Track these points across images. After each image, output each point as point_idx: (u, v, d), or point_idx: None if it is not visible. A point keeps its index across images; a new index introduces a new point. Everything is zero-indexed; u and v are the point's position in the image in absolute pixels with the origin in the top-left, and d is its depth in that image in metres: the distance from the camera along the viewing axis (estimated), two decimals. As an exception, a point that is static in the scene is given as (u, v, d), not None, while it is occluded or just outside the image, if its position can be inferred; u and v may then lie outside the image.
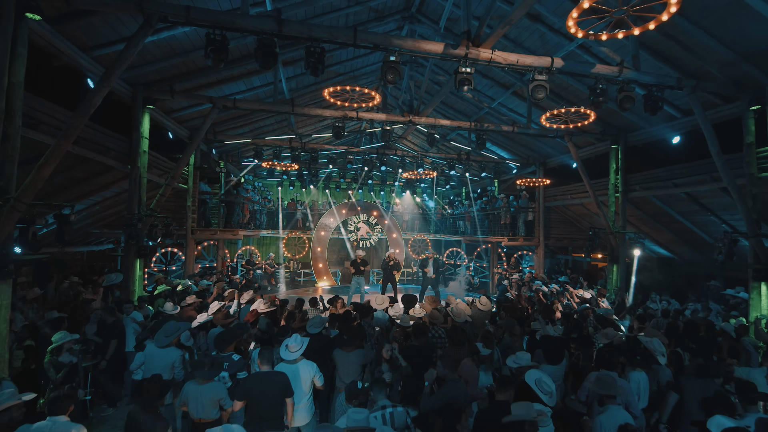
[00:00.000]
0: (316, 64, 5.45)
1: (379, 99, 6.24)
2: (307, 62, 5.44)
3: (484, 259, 19.85)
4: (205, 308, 7.80)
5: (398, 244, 19.46)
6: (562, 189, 13.54)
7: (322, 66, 5.51)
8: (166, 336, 5.15)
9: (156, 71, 8.45)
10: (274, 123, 14.19)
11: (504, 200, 14.60)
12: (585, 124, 7.11)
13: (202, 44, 8.17)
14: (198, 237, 12.21)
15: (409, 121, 9.32)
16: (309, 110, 9.25)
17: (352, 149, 13.22)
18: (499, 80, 10.91)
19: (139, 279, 8.71)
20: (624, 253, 10.68)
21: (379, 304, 7.50)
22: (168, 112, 10.32)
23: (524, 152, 14.53)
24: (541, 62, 6.26)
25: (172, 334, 5.19)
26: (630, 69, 6.75)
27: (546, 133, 10.53)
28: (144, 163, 8.77)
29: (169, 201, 12.05)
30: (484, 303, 7.83)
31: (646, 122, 9.93)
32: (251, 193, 14.89)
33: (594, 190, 10.79)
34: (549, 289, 10.96)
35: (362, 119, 9.25)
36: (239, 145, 14.38)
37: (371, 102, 6.52)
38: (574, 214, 14.26)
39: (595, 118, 7.61)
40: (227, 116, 12.06)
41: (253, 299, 8.03)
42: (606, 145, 11.31)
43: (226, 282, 12.05)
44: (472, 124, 9.94)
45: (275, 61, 5.38)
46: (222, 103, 8.93)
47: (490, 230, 15.85)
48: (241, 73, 9.73)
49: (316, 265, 18.56)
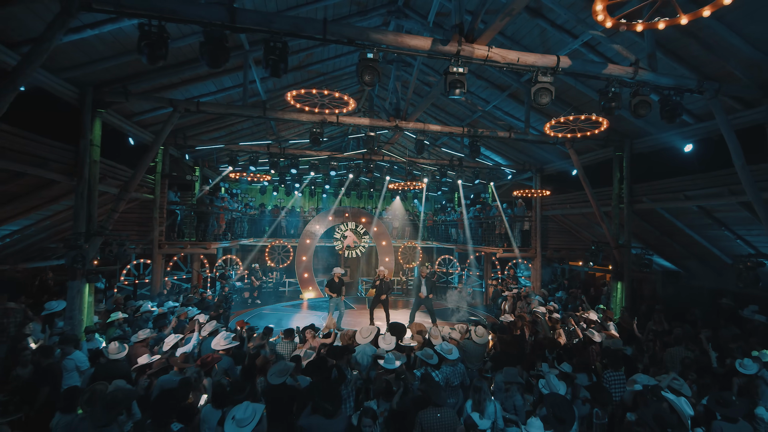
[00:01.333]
0: (277, 63, 4.48)
1: (354, 104, 5.32)
2: (266, 60, 4.47)
3: (478, 267, 19.01)
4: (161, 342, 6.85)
5: (388, 252, 18.54)
6: (561, 198, 12.70)
7: (285, 65, 4.54)
8: (108, 411, 3.77)
9: (107, 71, 7.41)
10: (253, 126, 13.16)
11: (498, 208, 13.73)
12: (596, 133, 6.23)
13: (158, 39, 7.25)
14: (166, 251, 11.16)
15: (395, 126, 8.39)
16: (283, 114, 8.27)
17: (335, 155, 12.25)
18: (494, 81, 10.02)
19: (89, 306, 7.67)
20: (629, 269, 9.83)
21: (365, 338, 6.56)
22: (128, 116, 9.28)
23: (520, 158, 13.67)
24: (546, 61, 5.35)
25: (117, 407, 3.84)
26: (646, 69, 5.87)
27: (545, 140, 9.66)
28: (95, 173, 7.73)
29: (133, 212, 11.04)
30: (480, 334, 6.92)
31: (655, 128, 9.09)
32: (228, 202, 13.82)
33: (596, 201, 9.92)
34: (548, 306, 10.09)
35: (343, 124, 8.29)
36: (215, 150, 13.35)
37: (345, 108, 5.57)
38: (573, 224, 13.42)
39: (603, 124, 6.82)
40: (198, 119, 11.03)
41: (216, 330, 7.05)
42: (609, 152, 10.46)
43: (196, 301, 11.06)
44: (465, 130, 9.03)
45: (226, 58, 4.40)
46: (184, 106, 7.92)
47: (484, 239, 14.97)
48: (209, 73, 8.72)
49: (301, 275, 17.58)
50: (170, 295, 11.08)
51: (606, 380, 5.84)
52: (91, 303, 7.76)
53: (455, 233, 18.29)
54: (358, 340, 6.54)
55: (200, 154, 13.97)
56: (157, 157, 11.02)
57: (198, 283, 14.24)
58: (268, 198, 20.43)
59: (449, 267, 20.31)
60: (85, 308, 7.58)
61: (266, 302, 15.76)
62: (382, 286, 11.56)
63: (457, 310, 14.48)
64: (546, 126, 6.06)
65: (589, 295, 13.02)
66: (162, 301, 9.98)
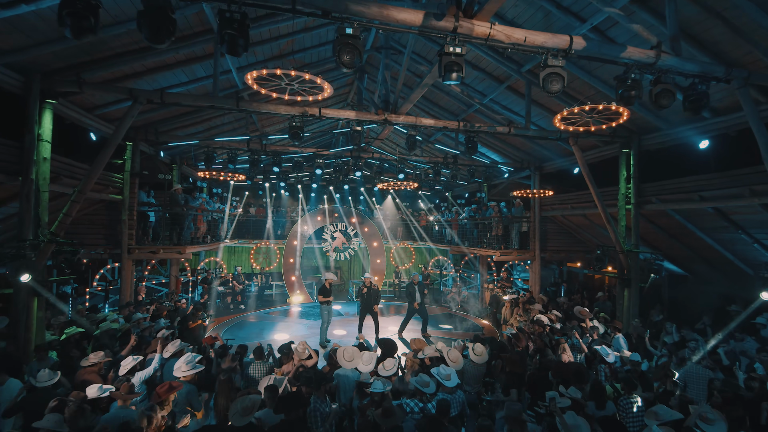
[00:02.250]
0: (235, 39, 3.65)
1: (330, 91, 4.51)
2: (221, 35, 3.65)
3: (473, 269, 18.30)
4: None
5: (380, 253, 17.76)
6: (562, 198, 11.98)
7: (245, 41, 3.71)
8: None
9: (55, 56, 6.52)
10: (234, 122, 12.27)
11: (495, 208, 12.99)
12: (612, 126, 5.47)
13: (113, 20, 6.36)
14: (136, 256, 10.26)
15: (384, 120, 7.58)
16: (258, 106, 7.42)
17: (321, 152, 11.41)
18: (491, 72, 9.25)
19: (38, 322, 6.79)
20: (638, 275, 9.14)
21: (348, 361, 5.77)
22: (89, 109, 8.38)
23: (518, 155, 12.93)
24: (557, 42, 4.58)
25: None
26: (669, 54, 5.12)
27: (548, 135, 8.91)
28: (44, 172, 6.84)
29: (100, 215, 10.12)
30: (479, 353, 6.16)
31: (666, 123, 8.38)
32: (207, 202, 12.92)
33: (601, 201, 9.20)
34: (549, 314, 9.37)
35: (327, 118, 7.48)
36: (193, 147, 12.44)
37: (320, 94, 4.74)
38: (574, 225, 12.73)
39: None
40: (170, 113, 10.14)
41: (180, 351, 6.20)
42: (615, 149, 9.75)
43: (170, 308, 10.19)
44: (460, 124, 8.25)
45: (170, 32, 3.56)
46: (146, 96, 7.04)
47: (480, 241, 14.23)
48: (176, 60, 7.86)
49: (288, 278, 16.73)
50: (141, 304, 10.18)
51: (622, 408, 5.12)
52: (41, 318, 6.88)
53: (449, 234, 17.55)
54: (340, 360, 5.75)
55: (177, 151, 13.04)
56: (125, 155, 10.11)
57: (176, 288, 13.34)
58: (253, 197, 19.52)
59: (443, 269, 19.59)
60: (33, 325, 6.70)
61: (251, 308, 14.89)
62: (370, 294, 10.64)
63: (452, 317, 13.75)
64: (556, 118, 5.30)
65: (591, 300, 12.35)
66: (131, 312, 9.08)
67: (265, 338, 10.71)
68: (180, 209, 10.83)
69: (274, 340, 10.53)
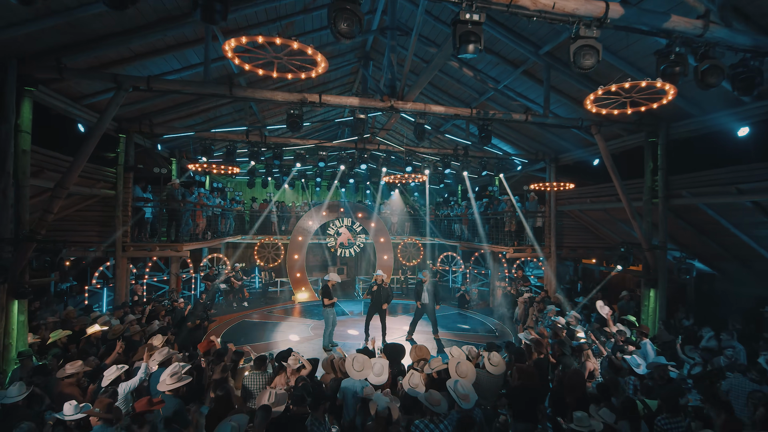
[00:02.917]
0: (210, 2, 3.06)
1: (325, 64, 3.89)
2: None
3: (483, 265, 17.66)
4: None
5: (387, 249, 17.19)
6: (580, 191, 11.27)
7: (224, 6, 3.13)
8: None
9: (32, 38, 5.99)
10: (234, 112, 11.74)
11: (508, 203, 12.32)
12: (653, 107, 4.78)
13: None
14: (131, 254, 9.80)
15: (390, 107, 6.96)
16: (254, 93, 6.83)
17: (324, 143, 10.82)
18: (506, 56, 8.56)
19: (19, 326, 6.33)
20: (665, 275, 8.46)
21: (358, 371, 5.18)
22: (77, 98, 7.87)
23: (533, 146, 12.22)
24: (590, 8, 3.92)
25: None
26: (718, 24, 4.43)
27: (568, 124, 8.22)
28: (23, 166, 6.34)
29: (92, 211, 9.66)
30: (495, 363, 5.56)
31: (698, 108, 7.65)
32: (207, 197, 12.43)
33: (626, 194, 8.50)
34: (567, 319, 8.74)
35: (327, 105, 6.87)
36: (191, 140, 11.93)
37: (314, 70, 4.11)
38: (592, 220, 12.02)
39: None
40: (165, 103, 9.63)
41: (169, 359, 5.70)
42: (639, 139, 9.03)
43: (166, 308, 9.72)
44: (473, 111, 7.59)
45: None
46: (131, 83, 6.49)
47: (491, 237, 13.58)
48: (167, 45, 7.30)
49: (293, 274, 16.24)
50: (137, 304, 9.73)
51: (660, 430, 4.51)
52: (23, 323, 6.42)
53: (459, 229, 16.91)
54: (349, 370, 5.17)
55: (176, 144, 12.57)
56: (118, 147, 9.62)
57: (177, 287, 12.91)
58: (257, 192, 19.05)
59: (452, 265, 18.97)
60: (14, 330, 6.24)
61: (255, 306, 14.44)
62: (380, 292, 10.10)
63: (464, 316, 13.16)
64: (588, 99, 4.62)
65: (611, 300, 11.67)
66: (123, 314, 8.63)
67: (267, 340, 10.22)
68: (177, 204, 10.33)
69: (275, 343, 10.04)
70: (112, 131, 9.47)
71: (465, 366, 5.44)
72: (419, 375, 5.27)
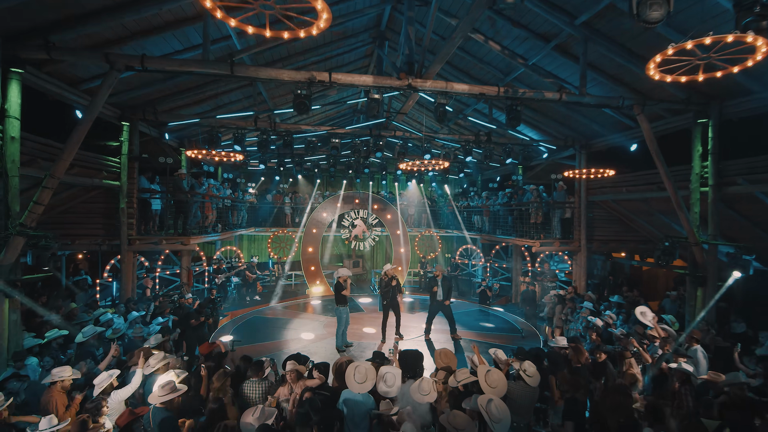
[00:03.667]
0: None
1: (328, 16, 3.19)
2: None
3: (504, 259, 16.84)
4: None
5: (403, 242, 16.52)
6: (614, 180, 10.35)
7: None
8: None
9: (15, 14, 5.48)
10: (243, 99, 11.16)
11: (534, 192, 11.47)
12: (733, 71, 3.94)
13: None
14: (137, 248, 9.39)
15: (407, 85, 6.24)
16: (257, 71, 6.20)
17: (336, 130, 10.15)
18: (535, 29, 7.71)
19: (11, 325, 5.92)
20: (715, 272, 7.57)
21: (360, 383, 4.58)
22: (73, 83, 7.40)
23: (561, 131, 11.31)
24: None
25: None
26: (815, -33, 3.56)
27: (606, 103, 7.36)
28: (13, 154, 5.89)
29: (97, 203, 9.27)
30: (531, 374, 4.86)
31: (758, 83, 6.70)
32: (216, 188, 11.95)
33: (673, 182, 7.61)
34: (604, 319, 7.95)
35: (338, 84, 6.19)
36: (199, 129, 11.43)
37: (315, 24, 3.39)
38: (626, 211, 11.09)
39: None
40: (170, 89, 9.11)
41: (165, 365, 5.19)
42: (686, 120, 8.10)
43: (174, 306, 9.30)
44: (500, 90, 6.80)
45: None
46: (124, 62, 5.94)
47: (515, 229, 12.74)
48: (164, 21, 6.71)
49: (308, 267, 15.76)
50: (147, 300, 9.33)
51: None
52: (15, 322, 6.01)
53: (479, 221, 16.10)
54: (351, 386, 4.55)
55: (185, 134, 12.09)
56: (121, 136, 9.17)
57: (188, 280, 12.54)
58: (270, 183, 18.58)
59: (471, 258, 18.20)
60: (5, 330, 5.84)
61: (267, 300, 14.02)
62: (391, 289, 9.43)
63: (485, 314, 12.45)
64: (652, 62, 3.79)
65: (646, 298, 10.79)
66: (128, 310, 8.23)
67: (275, 339, 9.72)
68: (184, 196, 9.86)
69: (285, 342, 9.53)
70: (115, 119, 9.02)
71: (496, 375, 4.75)
72: (431, 382, 4.61)
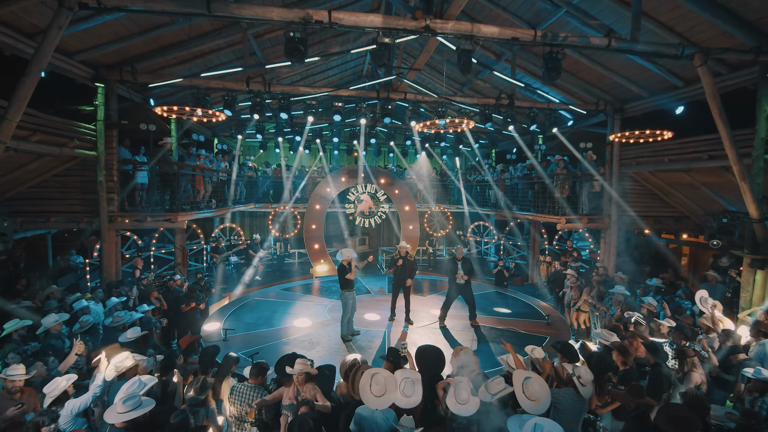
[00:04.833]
0: None
1: None
2: None
3: (519, 236, 15.83)
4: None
5: (412, 218, 15.51)
6: (653, 148, 9.15)
7: None
8: None
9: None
10: (235, 60, 9.95)
11: (561, 163, 10.32)
12: None
13: None
14: (119, 226, 8.46)
15: (425, 27, 5.08)
16: (239, 9, 5.03)
17: (338, 92, 8.97)
18: (577, -36, 6.43)
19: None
20: (781, 253, 6.51)
21: (378, 396, 3.65)
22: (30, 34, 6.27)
23: (592, 93, 10.03)
24: None
25: None
26: None
27: (663, 51, 6.14)
28: (-51, 114, 4.86)
29: (72, 176, 8.29)
30: (586, 383, 3.92)
31: None
32: (207, 160, 10.91)
33: (735, 148, 6.44)
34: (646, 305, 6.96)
35: (338, 24, 5.04)
36: (187, 93, 10.28)
37: None
38: (664, 184, 9.93)
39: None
40: (150, 45, 7.96)
41: (134, 367, 4.28)
42: (749, 75, 6.86)
43: (162, 290, 8.44)
44: (537, 34, 5.61)
45: None
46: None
47: (535, 205, 11.65)
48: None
49: (311, 246, 14.85)
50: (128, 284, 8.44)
51: None
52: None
53: (493, 196, 15.00)
54: (367, 400, 3.64)
55: (174, 99, 10.94)
56: (96, 99, 8.10)
57: (183, 260, 11.67)
58: (270, 156, 17.49)
59: (484, 236, 17.21)
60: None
61: (268, 280, 13.17)
62: (405, 266, 8.72)
63: (504, 296, 11.52)
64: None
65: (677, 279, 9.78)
66: (108, 295, 7.35)
67: (273, 326, 8.86)
68: (171, 168, 8.85)
69: (284, 329, 8.67)
70: (88, 79, 7.92)
71: (537, 385, 3.81)
72: (467, 385, 3.72)
